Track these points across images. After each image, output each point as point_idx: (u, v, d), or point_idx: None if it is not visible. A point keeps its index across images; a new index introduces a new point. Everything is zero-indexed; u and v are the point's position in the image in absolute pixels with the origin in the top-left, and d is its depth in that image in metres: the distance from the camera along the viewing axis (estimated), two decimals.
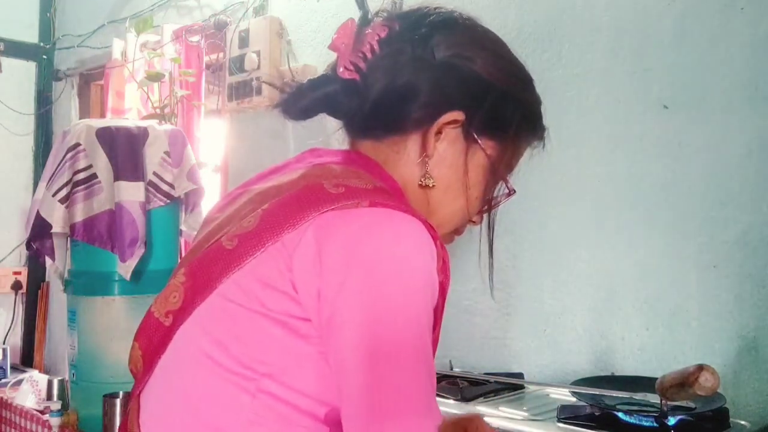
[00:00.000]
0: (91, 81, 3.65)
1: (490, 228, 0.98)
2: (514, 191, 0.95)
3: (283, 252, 0.75)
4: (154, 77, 2.71)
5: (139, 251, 2.27)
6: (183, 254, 2.61)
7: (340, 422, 0.75)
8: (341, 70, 0.88)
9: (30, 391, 2.68)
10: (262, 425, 0.76)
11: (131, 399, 0.88)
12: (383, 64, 0.87)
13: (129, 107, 3.02)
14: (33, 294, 3.76)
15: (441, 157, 0.88)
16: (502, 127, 0.90)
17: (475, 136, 0.89)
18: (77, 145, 2.33)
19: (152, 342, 0.85)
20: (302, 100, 0.91)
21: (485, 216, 0.98)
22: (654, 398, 1.31)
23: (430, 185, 0.88)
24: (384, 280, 0.73)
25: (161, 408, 0.83)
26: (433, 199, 0.90)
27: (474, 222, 0.97)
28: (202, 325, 0.79)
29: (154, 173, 2.38)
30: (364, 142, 0.92)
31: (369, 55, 0.88)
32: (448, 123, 0.87)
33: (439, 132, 0.87)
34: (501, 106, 0.89)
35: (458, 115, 0.87)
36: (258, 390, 0.75)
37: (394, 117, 0.88)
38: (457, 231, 0.98)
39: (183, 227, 2.53)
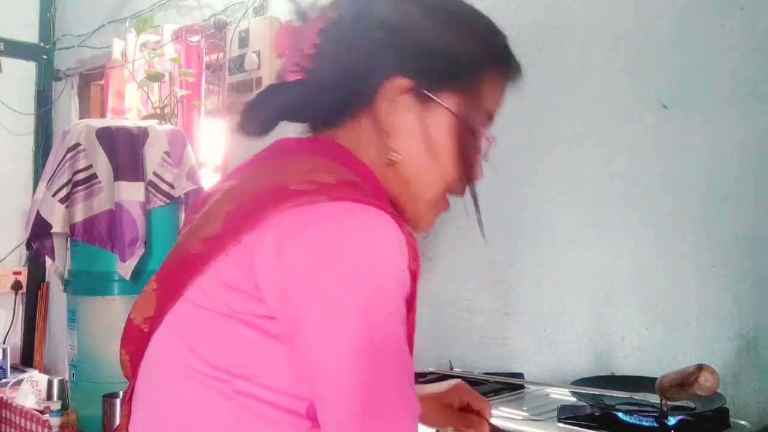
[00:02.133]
0: (91, 81, 3.65)
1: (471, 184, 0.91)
2: (494, 138, 0.88)
3: (245, 253, 0.74)
4: (154, 77, 2.71)
5: (139, 251, 2.28)
6: None
7: None
8: (287, 73, 0.86)
9: (30, 391, 2.68)
10: (244, 426, 0.75)
11: (124, 404, 0.89)
12: (325, 53, 0.85)
13: (129, 107, 3.02)
14: (33, 294, 3.76)
15: (399, 129, 0.84)
16: (456, 76, 0.85)
17: (431, 96, 0.84)
18: (77, 145, 2.33)
19: (137, 348, 0.85)
20: (258, 116, 0.89)
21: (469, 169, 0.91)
22: (654, 398, 1.31)
23: (398, 160, 0.84)
24: (352, 276, 0.71)
25: (146, 414, 0.83)
26: (406, 174, 0.86)
27: (457, 192, 0.91)
28: (174, 331, 0.79)
29: (154, 173, 2.38)
30: (325, 133, 0.89)
31: (312, 51, 0.85)
32: (395, 92, 0.83)
33: (390, 103, 0.83)
34: (446, 55, 0.84)
35: (402, 81, 0.82)
36: (234, 392, 0.75)
37: (343, 102, 0.85)
38: (440, 206, 0.91)
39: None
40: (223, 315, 0.75)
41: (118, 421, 2.07)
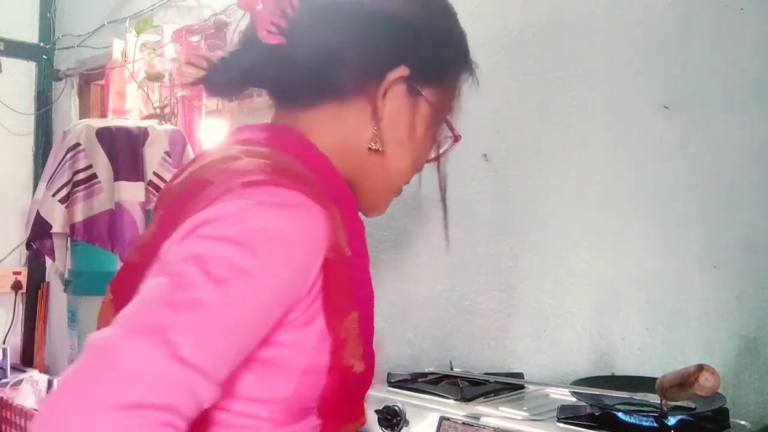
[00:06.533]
0: (91, 81, 3.65)
1: (440, 175, 0.94)
2: (460, 136, 0.91)
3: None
4: (154, 77, 2.71)
5: None
6: None
7: (289, 420, 0.77)
8: (263, 33, 0.81)
9: (30, 391, 2.69)
10: None
11: None
12: (309, 20, 0.81)
13: (130, 108, 3.02)
14: (33, 294, 3.75)
15: (390, 118, 0.84)
16: (440, 71, 0.87)
17: (419, 89, 0.85)
18: (77, 145, 2.33)
19: None
20: (227, 74, 0.85)
21: (437, 169, 0.95)
22: (654, 398, 1.31)
23: (380, 149, 0.84)
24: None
25: None
26: (382, 162, 0.86)
27: (419, 170, 0.93)
28: None
29: (155, 173, 2.38)
30: (295, 111, 0.86)
31: (291, 12, 0.80)
32: (394, 82, 0.83)
33: (389, 92, 0.83)
34: (437, 50, 0.86)
35: (403, 70, 0.83)
36: None
37: (334, 82, 0.83)
38: (398, 191, 0.93)
39: None
40: None
41: None
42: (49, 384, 2.63)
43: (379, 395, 1.56)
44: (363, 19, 0.82)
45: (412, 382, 1.69)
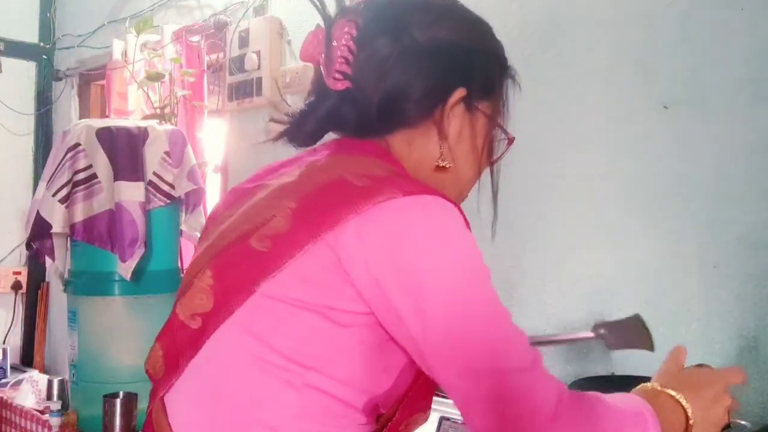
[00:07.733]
0: (91, 81, 3.65)
1: (493, 177, 1.01)
2: (514, 138, 0.98)
3: (326, 250, 0.77)
4: (154, 77, 2.71)
5: (139, 251, 2.27)
6: (183, 255, 2.61)
7: (373, 410, 0.82)
8: (331, 81, 0.88)
9: (30, 391, 2.68)
10: (308, 417, 0.78)
11: (153, 401, 0.88)
12: (369, 63, 0.88)
13: (132, 109, 3.02)
14: (33, 294, 3.75)
15: (455, 135, 0.91)
16: (491, 85, 0.94)
17: (475, 104, 0.92)
18: (77, 145, 2.33)
19: (175, 343, 0.86)
20: (306, 125, 0.93)
21: (489, 169, 1.02)
22: None
23: (448, 166, 0.91)
24: (443, 257, 0.79)
25: (198, 408, 0.83)
26: (452, 176, 0.93)
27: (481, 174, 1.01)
28: (244, 326, 0.80)
29: (154, 173, 2.38)
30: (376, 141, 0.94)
31: (350, 58, 0.88)
32: (455, 103, 0.90)
33: (450, 113, 0.91)
34: (485, 66, 0.93)
35: (461, 92, 0.90)
36: (304, 384, 0.78)
37: (401, 113, 0.90)
38: (472, 187, 1.02)
39: (183, 227, 2.53)
40: (299, 308, 0.77)
41: (119, 421, 2.07)
42: (49, 384, 2.62)
43: None
44: (421, 54, 0.89)
45: None
